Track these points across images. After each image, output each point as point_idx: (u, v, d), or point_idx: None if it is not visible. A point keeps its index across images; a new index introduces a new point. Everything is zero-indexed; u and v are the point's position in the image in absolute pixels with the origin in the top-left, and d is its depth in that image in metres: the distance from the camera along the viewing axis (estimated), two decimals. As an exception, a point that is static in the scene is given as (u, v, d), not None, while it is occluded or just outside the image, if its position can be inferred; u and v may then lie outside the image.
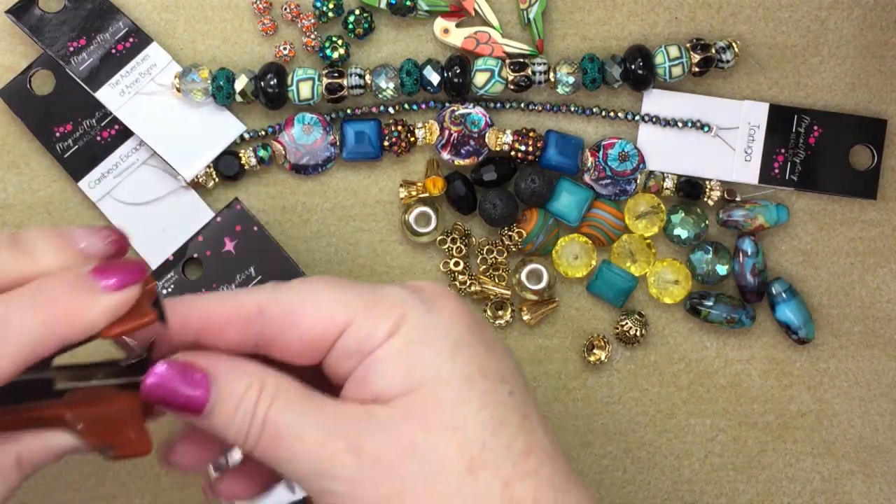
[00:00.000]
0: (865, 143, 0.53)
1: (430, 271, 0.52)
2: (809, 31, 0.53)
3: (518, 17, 0.53)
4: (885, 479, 0.53)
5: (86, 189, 0.51)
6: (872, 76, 0.53)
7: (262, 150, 0.51)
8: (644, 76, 0.51)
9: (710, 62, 0.51)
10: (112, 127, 0.51)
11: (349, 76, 0.51)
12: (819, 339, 0.53)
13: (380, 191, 0.52)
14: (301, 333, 0.36)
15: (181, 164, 0.50)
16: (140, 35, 0.51)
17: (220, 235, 0.50)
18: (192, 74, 0.50)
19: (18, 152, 0.52)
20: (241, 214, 0.50)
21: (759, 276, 0.52)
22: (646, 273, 0.52)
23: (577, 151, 0.51)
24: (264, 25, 0.52)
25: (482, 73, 0.51)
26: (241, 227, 0.50)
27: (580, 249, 0.52)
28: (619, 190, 0.52)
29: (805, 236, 0.53)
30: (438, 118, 0.51)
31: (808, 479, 0.53)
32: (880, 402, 0.53)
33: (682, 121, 0.52)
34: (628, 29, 0.53)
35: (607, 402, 0.52)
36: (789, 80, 0.53)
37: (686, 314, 0.53)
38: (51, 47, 0.50)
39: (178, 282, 0.49)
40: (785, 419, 0.53)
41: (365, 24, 0.51)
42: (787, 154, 0.52)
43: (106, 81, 0.51)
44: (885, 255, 0.53)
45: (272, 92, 0.50)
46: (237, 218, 0.50)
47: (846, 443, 0.53)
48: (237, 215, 0.50)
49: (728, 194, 0.52)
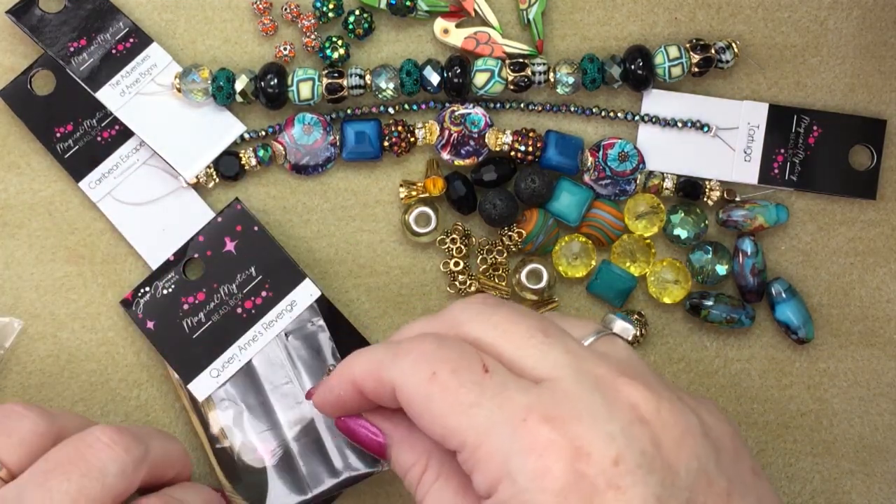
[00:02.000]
0: (865, 143, 0.53)
1: (430, 271, 0.52)
2: (809, 31, 0.53)
3: (518, 17, 0.53)
4: (884, 479, 0.53)
5: (86, 189, 0.51)
6: (872, 76, 0.53)
7: (262, 150, 0.51)
8: (644, 76, 0.51)
9: (710, 62, 0.51)
10: (112, 127, 0.51)
11: (349, 76, 0.51)
12: (819, 339, 0.53)
13: (380, 191, 0.52)
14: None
15: (181, 164, 0.50)
16: (140, 35, 0.51)
17: (221, 235, 0.50)
18: (193, 74, 0.50)
19: (19, 152, 0.52)
20: (241, 214, 0.50)
21: (758, 276, 0.52)
22: (645, 273, 0.52)
23: (577, 151, 0.51)
24: (264, 25, 0.52)
25: (482, 73, 0.51)
26: (241, 227, 0.50)
27: (580, 249, 0.52)
28: (619, 190, 0.52)
29: (804, 236, 0.53)
30: (438, 118, 0.51)
31: (808, 479, 0.53)
32: (880, 401, 0.53)
33: (681, 121, 0.52)
34: (628, 29, 0.53)
35: (607, 402, 0.52)
36: (789, 80, 0.53)
37: (686, 314, 0.53)
38: (51, 47, 0.50)
39: (178, 282, 0.49)
40: (784, 419, 0.53)
41: (365, 25, 0.51)
42: (787, 154, 0.52)
43: (106, 82, 0.51)
44: (885, 255, 0.53)
45: (272, 92, 0.50)
46: (238, 218, 0.50)
47: (846, 442, 0.53)
48: (238, 215, 0.50)
49: (728, 194, 0.52)
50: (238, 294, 0.49)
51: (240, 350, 0.49)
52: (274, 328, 0.49)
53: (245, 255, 0.50)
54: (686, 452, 0.34)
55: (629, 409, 0.34)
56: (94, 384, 0.51)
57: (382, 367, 0.38)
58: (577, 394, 0.34)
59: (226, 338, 0.49)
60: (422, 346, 0.37)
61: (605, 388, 0.34)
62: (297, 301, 0.49)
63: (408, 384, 0.36)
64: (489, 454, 0.34)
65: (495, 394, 0.35)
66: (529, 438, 0.33)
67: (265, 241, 0.50)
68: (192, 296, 0.49)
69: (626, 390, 0.35)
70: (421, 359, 0.36)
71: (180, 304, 0.49)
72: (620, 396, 0.34)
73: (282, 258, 0.50)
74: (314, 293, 0.50)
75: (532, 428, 0.33)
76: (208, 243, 0.50)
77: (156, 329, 0.49)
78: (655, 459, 0.33)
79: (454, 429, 0.35)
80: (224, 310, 0.49)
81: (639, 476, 0.32)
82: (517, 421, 0.33)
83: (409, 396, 0.36)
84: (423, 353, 0.37)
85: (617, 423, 0.33)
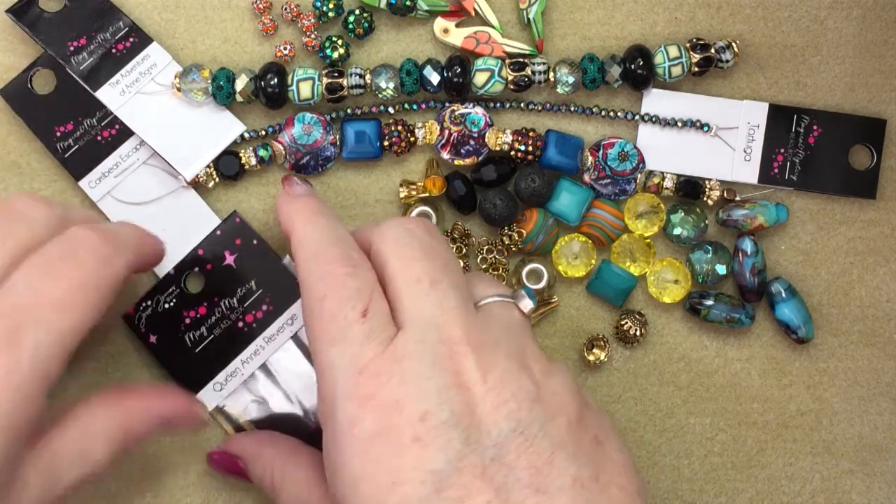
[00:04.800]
0: (865, 142, 0.53)
1: (430, 271, 0.52)
2: (809, 30, 0.53)
3: (518, 17, 0.53)
4: (884, 479, 0.53)
5: (86, 188, 0.51)
6: (872, 76, 0.53)
7: (262, 149, 0.51)
8: (644, 76, 0.51)
9: (710, 62, 0.52)
10: (112, 126, 0.51)
11: (349, 76, 0.51)
12: (818, 339, 0.53)
13: (380, 191, 0.52)
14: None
15: (181, 163, 0.50)
16: (140, 35, 0.51)
17: (221, 249, 0.50)
18: (193, 74, 0.50)
19: (19, 152, 0.52)
20: (240, 227, 0.50)
21: (758, 276, 0.52)
22: (645, 273, 0.52)
23: (577, 151, 0.51)
24: (264, 25, 0.52)
25: (482, 72, 0.51)
26: (240, 241, 0.50)
27: (580, 249, 0.52)
28: (619, 190, 0.52)
29: (804, 236, 0.53)
30: (438, 118, 0.51)
31: (808, 479, 0.53)
32: (880, 401, 0.53)
33: (681, 120, 0.52)
34: (628, 29, 0.53)
35: (607, 402, 0.52)
36: (789, 79, 0.53)
37: (685, 314, 0.53)
38: (51, 47, 0.50)
39: (179, 295, 0.49)
40: (784, 418, 0.53)
41: (365, 24, 0.51)
42: (787, 154, 0.52)
43: (106, 81, 0.51)
44: (885, 255, 0.53)
45: (272, 92, 0.50)
46: (236, 231, 0.50)
47: (845, 442, 0.53)
48: (237, 228, 0.50)
49: (727, 194, 0.52)
50: (239, 308, 0.49)
51: (242, 364, 0.49)
52: (276, 342, 0.49)
53: (245, 268, 0.50)
54: (503, 415, 0.36)
55: (453, 374, 0.37)
56: (94, 384, 0.51)
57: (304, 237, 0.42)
58: (414, 353, 0.37)
59: (228, 352, 0.49)
60: (333, 260, 0.40)
61: (442, 352, 0.38)
62: (297, 315, 0.50)
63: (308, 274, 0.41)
64: (324, 392, 0.38)
65: (354, 340, 0.38)
66: (356, 388, 0.37)
67: (264, 254, 0.50)
68: (194, 309, 0.49)
69: (459, 357, 0.38)
70: (327, 273, 0.40)
71: (182, 318, 0.49)
72: (451, 362, 0.37)
73: (280, 269, 0.50)
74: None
75: (363, 380, 0.37)
76: (208, 257, 0.50)
77: (158, 343, 0.49)
78: (464, 418, 0.36)
79: (314, 351, 0.39)
80: (225, 324, 0.49)
81: (442, 431, 0.35)
82: (354, 370, 0.37)
83: (302, 284, 0.41)
84: (331, 266, 0.40)
85: (434, 384, 0.36)
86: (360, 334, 0.38)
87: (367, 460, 0.36)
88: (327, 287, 0.39)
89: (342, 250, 0.41)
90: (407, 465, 0.35)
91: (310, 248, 0.41)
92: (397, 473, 0.35)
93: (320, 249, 0.41)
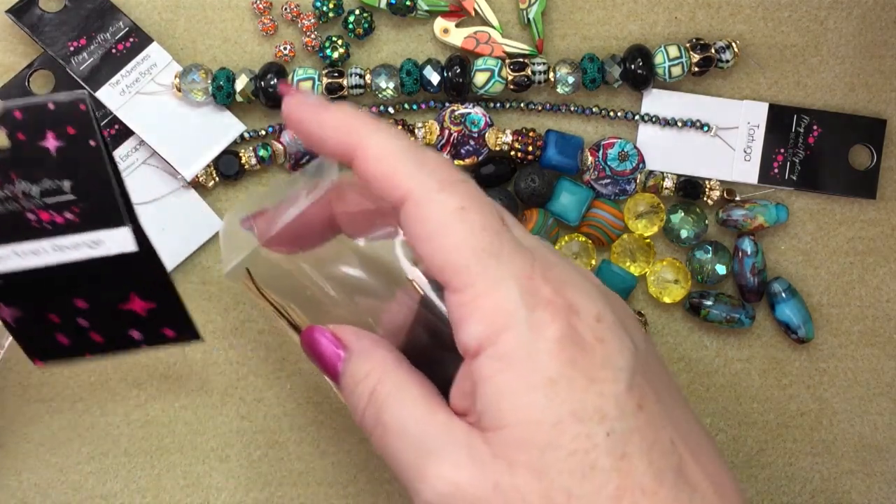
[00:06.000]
0: (865, 143, 0.53)
1: (430, 271, 0.52)
2: (809, 30, 0.53)
3: (518, 17, 0.53)
4: (884, 479, 0.53)
5: (86, 189, 0.50)
6: (872, 76, 0.53)
7: (262, 149, 0.51)
8: (644, 76, 0.51)
9: (710, 62, 0.52)
10: (112, 126, 0.51)
11: (349, 76, 0.51)
12: (818, 339, 0.53)
13: (380, 190, 0.52)
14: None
15: (181, 163, 0.50)
16: (140, 35, 0.51)
17: (44, 125, 0.39)
18: (193, 74, 0.50)
19: (19, 152, 0.52)
20: (82, 117, 0.39)
21: (758, 276, 0.52)
22: (646, 273, 0.52)
23: (577, 151, 0.51)
24: (264, 25, 0.52)
25: (482, 72, 0.51)
26: (75, 132, 0.40)
27: (580, 249, 0.52)
28: (619, 189, 0.52)
29: (804, 236, 0.53)
30: (438, 118, 0.51)
31: (808, 478, 0.53)
32: (880, 401, 0.53)
33: (681, 120, 0.52)
34: (628, 29, 0.53)
35: (607, 402, 0.52)
36: (789, 79, 0.53)
37: (685, 313, 0.53)
38: (51, 47, 0.50)
39: None
40: (784, 418, 0.53)
41: (365, 24, 0.51)
42: (787, 154, 0.52)
43: (106, 81, 0.51)
44: (885, 255, 0.53)
45: (272, 92, 0.50)
46: (75, 119, 0.39)
47: (845, 442, 0.53)
48: (78, 116, 0.39)
49: (727, 194, 0.52)
50: (37, 199, 0.41)
51: (15, 255, 0.42)
52: (65, 254, 0.42)
53: (64, 165, 0.40)
54: (639, 332, 0.38)
55: (597, 283, 0.39)
56: (94, 384, 0.51)
57: (406, 174, 0.37)
58: (558, 262, 0.37)
59: (3, 234, 0.41)
60: (453, 175, 0.37)
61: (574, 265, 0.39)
62: (103, 242, 0.42)
63: (430, 204, 0.36)
64: (496, 304, 0.35)
65: (509, 248, 0.36)
66: (535, 294, 0.36)
67: (97, 164, 0.40)
68: None
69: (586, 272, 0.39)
70: (453, 188, 0.37)
71: None
72: (588, 273, 0.39)
73: (108, 191, 0.41)
74: (129, 247, 0.42)
75: (538, 285, 0.36)
76: (25, 125, 0.40)
77: None
78: (625, 322, 0.37)
79: (461, 267, 0.36)
80: (11, 206, 0.41)
81: (617, 331, 0.36)
82: (525, 277, 0.36)
83: (426, 216, 0.36)
84: (454, 183, 0.37)
85: (594, 288, 0.37)
86: (512, 241, 0.36)
87: (564, 361, 0.35)
88: (460, 197, 0.36)
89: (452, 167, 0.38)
90: (597, 363, 0.35)
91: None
92: (592, 372, 0.35)
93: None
